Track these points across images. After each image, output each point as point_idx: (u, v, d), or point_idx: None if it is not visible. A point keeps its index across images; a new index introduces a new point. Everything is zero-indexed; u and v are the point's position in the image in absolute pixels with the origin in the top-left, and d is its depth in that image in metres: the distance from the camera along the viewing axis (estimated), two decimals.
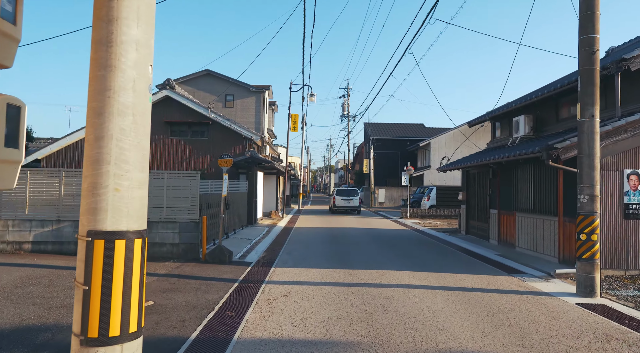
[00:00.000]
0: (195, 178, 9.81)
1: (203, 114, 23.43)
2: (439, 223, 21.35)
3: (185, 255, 9.72)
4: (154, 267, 8.59)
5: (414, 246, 12.89)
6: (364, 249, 11.95)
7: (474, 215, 15.47)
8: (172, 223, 9.74)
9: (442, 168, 16.54)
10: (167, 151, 23.39)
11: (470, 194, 15.85)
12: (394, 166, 48.50)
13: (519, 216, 11.79)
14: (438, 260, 10.41)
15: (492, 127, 16.26)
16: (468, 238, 14.96)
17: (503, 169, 12.98)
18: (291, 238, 14.18)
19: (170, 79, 23.95)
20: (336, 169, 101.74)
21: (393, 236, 15.30)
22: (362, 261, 10.01)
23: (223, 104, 34.56)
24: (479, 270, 9.09)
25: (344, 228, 17.90)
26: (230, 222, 14.30)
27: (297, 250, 11.53)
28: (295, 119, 25.29)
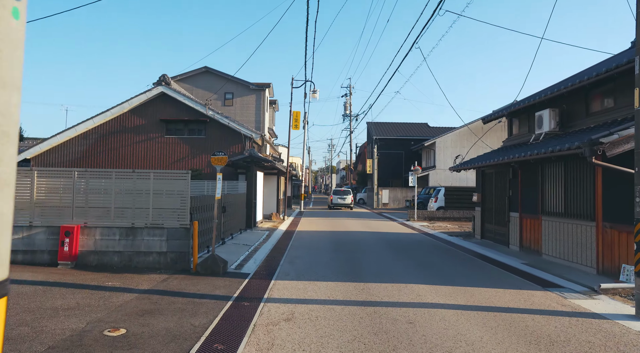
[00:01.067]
0: (185, 178, 8.69)
1: (200, 111, 22.35)
2: (449, 226, 20.21)
3: (174, 265, 8.59)
4: (135, 281, 7.46)
5: (429, 252, 11.76)
6: (374, 256, 10.82)
7: (490, 218, 14.33)
8: (159, 229, 8.61)
9: (455, 168, 15.41)
10: (163, 151, 22.30)
11: (486, 196, 14.70)
12: (398, 166, 47.36)
13: (545, 221, 10.64)
14: (459, 270, 9.27)
15: (509, 123, 15.11)
16: (485, 244, 13.82)
17: (526, 168, 11.84)
18: (293, 244, 13.05)
19: (165, 75, 22.86)
20: (338, 170, 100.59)
21: (403, 241, 14.16)
22: (373, 271, 8.87)
23: (222, 102, 33.49)
24: (509, 283, 7.95)
25: (349, 232, 16.76)
26: (227, 226, 13.18)
27: (300, 258, 10.40)
28: (297, 117, 24.17)
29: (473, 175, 40.38)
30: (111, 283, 7.23)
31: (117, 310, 5.69)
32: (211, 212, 11.35)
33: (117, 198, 8.63)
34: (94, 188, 8.81)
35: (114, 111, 22.05)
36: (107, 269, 8.33)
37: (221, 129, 22.32)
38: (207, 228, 10.54)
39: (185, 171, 8.64)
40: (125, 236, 8.56)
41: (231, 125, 22.12)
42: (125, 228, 8.58)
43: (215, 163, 8.70)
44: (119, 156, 22.25)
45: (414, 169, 23.42)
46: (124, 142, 22.17)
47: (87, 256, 8.51)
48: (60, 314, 5.43)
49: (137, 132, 22.30)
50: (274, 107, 40.16)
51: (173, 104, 22.42)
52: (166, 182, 8.85)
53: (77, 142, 22.07)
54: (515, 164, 12.18)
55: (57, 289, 6.71)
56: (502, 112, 14.32)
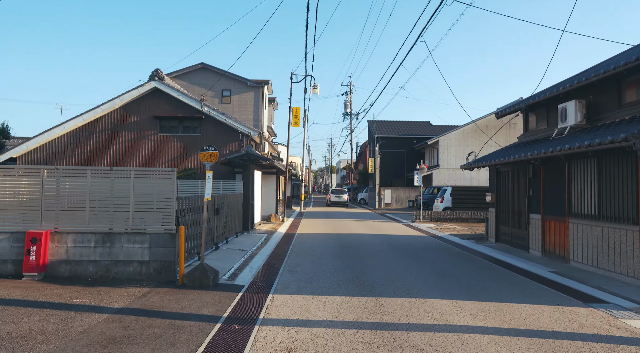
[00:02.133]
0: (170, 177, 7.61)
1: (195, 108, 21.28)
2: (457, 227, 19.15)
3: (158, 277, 7.51)
4: (110, 296, 6.39)
5: (442, 258, 10.69)
6: (382, 263, 9.75)
7: (506, 220, 13.26)
8: (141, 235, 7.53)
9: (467, 166, 14.33)
10: (156, 149, 21.23)
11: (502, 196, 13.64)
12: (400, 166, 46.29)
13: (574, 223, 9.58)
14: (480, 279, 8.20)
15: (525, 118, 14.05)
16: (501, 248, 12.75)
17: (550, 165, 10.78)
18: (293, 249, 11.98)
19: (159, 69, 21.77)
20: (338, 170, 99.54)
21: (412, 245, 13.10)
22: (385, 282, 7.80)
23: (219, 99, 32.48)
24: (543, 297, 6.88)
25: (353, 235, 15.69)
26: (222, 229, 12.11)
27: (302, 266, 9.33)
28: (296, 113, 23.09)
29: (479, 174, 39.35)
30: (80, 299, 6.16)
31: (76, 339, 4.62)
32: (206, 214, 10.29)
33: (92, 200, 7.56)
34: (66, 188, 7.73)
35: (105, 107, 20.98)
36: (80, 281, 7.26)
37: (217, 126, 21.28)
38: (199, 233, 9.47)
39: (171, 169, 7.57)
40: (102, 243, 7.49)
41: (227, 122, 21.07)
42: (102, 234, 7.50)
43: (204, 159, 7.63)
44: (110, 154, 21.19)
45: (420, 168, 22.35)
46: (115, 140, 21.11)
47: (57, 267, 7.43)
48: (1, 347, 4.35)
49: (129, 129, 21.26)
50: (273, 105, 39.10)
51: (167, 100, 21.37)
52: (149, 181, 7.78)
53: (66, 140, 21.01)
54: (536, 161, 11.12)
55: (12, 309, 5.63)
56: (518, 106, 13.25)
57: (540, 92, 12.20)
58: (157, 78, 21.28)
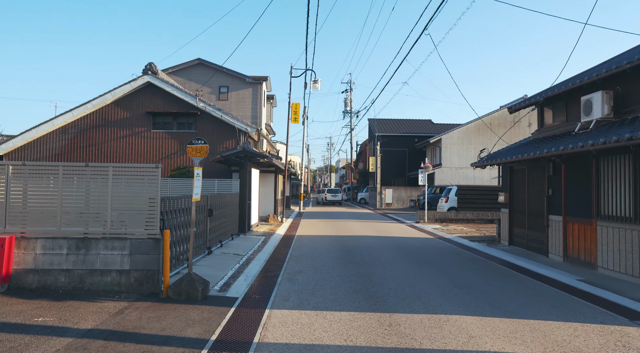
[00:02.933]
0: (154, 174, 6.70)
1: (190, 103, 20.35)
2: (464, 229, 18.25)
3: (139, 288, 6.60)
4: (80, 313, 5.47)
5: (456, 264, 9.79)
6: (392, 270, 8.84)
7: (521, 222, 12.37)
8: (120, 240, 6.61)
9: (479, 163, 13.42)
10: (150, 146, 20.31)
11: (516, 196, 12.75)
12: (401, 165, 45.41)
13: (603, 226, 8.68)
14: (504, 290, 7.30)
15: (540, 113, 13.16)
16: (516, 252, 11.86)
17: (573, 163, 9.89)
18: (293, 253, 11.07)
19: (152, 63, 20.83)
20: (337, 169, 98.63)
21: (420, 248, 12.20)
22: (397, 293, 6.90)
23: (217, 96, 31.57)
24: (581, 313, 5.98)
25: (356, 237, 14.78)
26: (216, 232, 11.21)
27: (303, 274, 8.42)
28: (296, 109, 22.17)
29: (482, 173, 38.48)
30: (43, 318, 5.24)
31: None
32: (198, 216, 9.39)
33: (65, 200, 6.64)
34: (36, 187, 6.81)
35: (95, 103, 20.06)
36: (49, 294, 6.34)
37: (213, 122, 20.37)
38: (188, 237, 8.57)
39: (154, 165, 6.65)
40: (76, 249, 6.57)
41: (224, 118, 20.16)
42: (76, 239, 6.58)
43: (193, 154, 6.72)
44: (101, 152, 20.28)
45: (425, 166, 21.45)
46: (106, 137, 20.19)
47: (24, 277, 6.51)
48: None
49: (121, 126, 20.34)
50: (272, 102, 38.16)
51: (160, 96, 20.45)
52: (131, 179, 6.87)
53: (55, 137, 20.08)
54: (557, 158, 10.23)
55: None
56: (534, 99, 12.35)
57: (559, 84, 11.31)
58: (150, 72, 20.36)
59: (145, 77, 20.21)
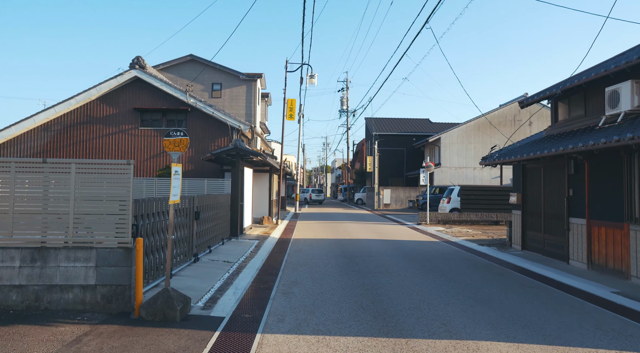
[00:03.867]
0: (125, 172, 5.67)
1: (180, 99, 19.31)
2: (470, 231, 17.31)
3: (107, 306, 5.57)
4: (28, 342, 4.44)
5: (470, 272, 8.81)
6: (401, 280, 7.86)
7: (536, 224, 11.42)
8: (85, 250, 5.59)
9: (491, 161, 12.43)
10: (137, 144, 19.24)
11: (530, 196, 11.80)
12: (399, 164, 44.49)
13: (636, 231, 7.74)
14: (533, 306, 6.32)
15: (554, 108, 12.23)
16: (531, 257, 10.92)
17: (598, 160, 8.95)
18: (289, 260, 10.06)
19: (140, 57, 19.77)
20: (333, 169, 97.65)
21: (428, 254, 11.22)
22: (411, 311, 5.91)
23: (209, 93, 30.52)
24: (636, 337, 5.02)
25: (357, 241, 13.78)
26: (204, 236, 10.19)
27: (300, 286, 7.42)
28: (292, 105, 21.16)
29: (482, 173, 37.61)
30: None
31: None
32: (183, 219, 8.37)
33: (19, 203, 5.60)
34: None
35: (80, 99, 18.96)
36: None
37: (204, 119, 19.35)
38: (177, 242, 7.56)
39: (126, 161, 5.62)
40: (31, 261, 5.53)
41: (216, 115, 19.13)
42: (31, 249, 5.55)
43: (170, 148, 5.70)
44: (85, 150, 19.19)
45: (426, 166, 20.50)
46: (91, 134, 19.10)
47: None
48: None
49: (107, 123, 19.27)
50: (267, 100, 37.12)
51: (149, 91, 19.39)
52: (98, 178, 5.84)
53: (36, 134, 18.98)
54: (579, 155, 9.28)
55: None
56: (549, 92, 11.41)
57: (579, 75, 10.36)
58: (137, 66, 19.31)
59: (132, 71, 19.15)
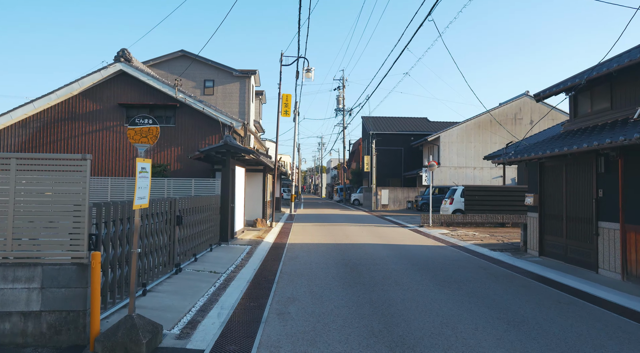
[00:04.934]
0: (80, 169, 4.54)
1: (169, 94, 18.15)
2: (477, 234, 16.26)
3: (55, 338, 4.44)
4: None
5: (490, 284, 7.73)
6: (414, 295, 6.77)
7: (555, 228, 10.37)
8: (28, 268, 4.45)
9: (506, 159, 11.34)
10: (122, 142, 18.06)
11: (548, 197, 10.75)
12: (396, 164, 43.45)
13: None
14: (582, 333, 5.24)
15: (573, 101, 11.21)
16: (551, 264, 9.86)
17: (635, 157, 7.91)
18: (285, 270, 8.94)
19: (125, 49, 18.58)
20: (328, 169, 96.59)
21: (438, 261, 10.14)
22: (435, 337, 4.82)
23: (201, 90, 29.39)
24: None
25: (358, 246, 12.69)
26: (189, 243, 9.05)
27: (298, 303, 6.31)
28: (287, 101, 20.04)
29: (482, 173, 36.65)
30: None
31: None
32: (160, 225, 7.25)
33: None
34: None
35: (61, 94, 17.77)
36: None
37: (194, 116, 18.21)
38: (144, 254, 6.44)
39: (81, 156, 4.50)
40: None
41: (206, 111, 18.01)
42: None
43: (136, 139, 4.58)
44: (66, 148, 17.99)
45: (429, 165, 19.44)
46: (73, 131, 17.91)
47: None
48: None
49: (90, 119, 18.10)
50: (261, 99, 35.97)
51: (135, 86, 18.22)
52: (47, 177, 4.70)
53: (13, 131, 17.76)
54: (612, 151, 8.24)
55: None
56: (570, 83, 10.36)
57: (608, 61, 9.33)
58: (123, 59, 18.14)
59: (117, 64, 17.97)
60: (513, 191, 19.96)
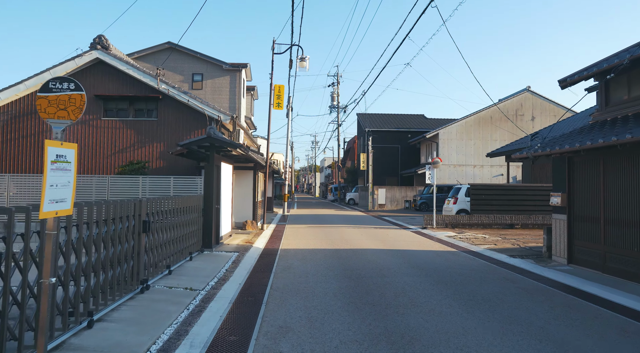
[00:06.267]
0: None
1: (150, 85, 16.61)
2: (487, 237, 14.87)
3: None
4: None
5: (529, 305, 6.32)
6: (439, 321, 5.33)
7: (590, 233, 8.99)
8: None
9: (531, 153, 9.90)
10: (100, 137, 16.50)
11: (581, 197, 9.37)
12: (393, 162, 42.10)
13: None
14: None
15: (605, 88, 9.84)
16: (587, 275, 8.48)
17: None
18: (276, 284, 7.46)
19: (103, 35, 17.01)
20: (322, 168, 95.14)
21: (455, 272, 8.72)
22: None
23: (190, 84, 27.84)
24: None
25: (358, 251, 11.24)
26: (162, 253, 7.56)
27: (292, 336, 4.83)
28: (279, 93, 18.56)
29: (483, 171, 35.36)
30: None
31: None
32: (114, 232, 5.76)
33: None
34: None
35: (30, 84, 16.16)
36: None
37: (179, 109, 16.70)
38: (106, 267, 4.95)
39: None
40: None
41: (191, 103, 16.50)
42: None
43: (50, 112, 3.03)
44: (36, 145, 16.43)
45: (433, 161, 18.05)
46: (44, 126, 16.29)
47: None
48: None
49: None
50: (252, 94, 34.42)
51: (113, 76, 16.67)
52: None
53: None
54: None
55: None
56: (606, 64, 8.98)
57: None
58: (100, 47, 16.56)
59: (93, 52, 16.41)
60: (522, 189, 18.63)
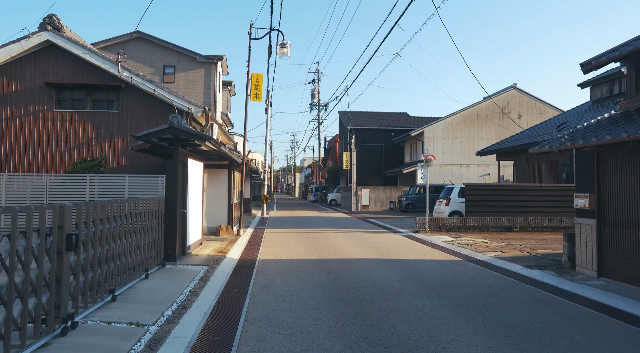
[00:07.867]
0: None
1: (111, 72, 14.66)
2: (488, 242, 13.43)
3: None
4: None
5: (585, 341, 4.79)
6: None
7: (626, 241, 7.55)
8: None
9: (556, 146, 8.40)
10: (52, 131, 14.45)
11: (612, 199, 7.94)
12: (377, 162, 40.71)
13: None
14: None
15: (633, 73, 8.45)
16: (626, 292, 7.04)
17: None
18: (252, 314, 5.74)
19: (54, 15, 14.97)
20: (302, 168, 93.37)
21: (472, 291, 7.16)
22: None
23: (161, 77, 25.80)
24: None
25: (350, 262, 9.61)
26: (102, 274, 5.77)
27: None
28: (257, 82, 16.79)
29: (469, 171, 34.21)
30: None
31: None
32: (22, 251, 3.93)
33: None
34: None
35: None
36: None
37: (144, 100, 14.81)
38: None
39: None
40: None
41: (157, 93, 14.62)
42: None
43: None
44: None
45: (426, 159, 16.60)
46: None
47: None
48: None
49: (7, 102, 14.49)
50: (229, 89, 32.48)
51: (68, 61, 14.66)
52: None
53: None
54: None
55: None
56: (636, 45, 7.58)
57: None
58: (50, 27, 14.54)
59: (43, 34, 14.37)
60: (521, 190, 17.34)
